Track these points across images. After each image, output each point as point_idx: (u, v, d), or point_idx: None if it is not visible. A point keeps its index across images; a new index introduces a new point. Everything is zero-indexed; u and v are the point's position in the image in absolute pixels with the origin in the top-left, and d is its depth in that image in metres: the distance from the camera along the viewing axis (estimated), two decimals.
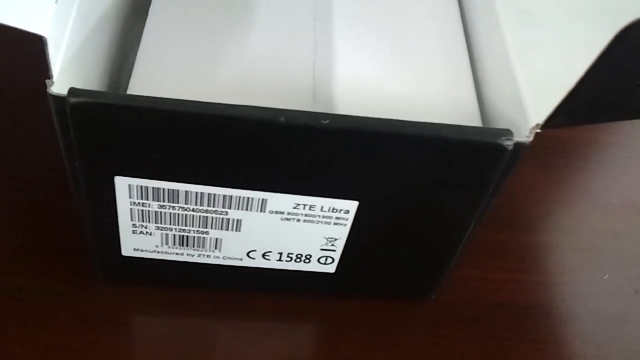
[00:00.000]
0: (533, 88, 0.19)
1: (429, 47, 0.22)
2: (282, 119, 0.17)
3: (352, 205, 0.20)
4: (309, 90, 0.21)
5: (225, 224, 0.21)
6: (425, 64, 0.22)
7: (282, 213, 0.20)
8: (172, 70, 0.20)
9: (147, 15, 0.22)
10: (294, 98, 0.20)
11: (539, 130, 0.18)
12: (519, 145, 0.18)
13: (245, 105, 0.17)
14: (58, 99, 0.17)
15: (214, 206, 0.20)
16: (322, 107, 0.20)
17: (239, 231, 0.21)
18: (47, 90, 0.17)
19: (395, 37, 0.22)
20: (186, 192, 0.19)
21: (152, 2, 0.22)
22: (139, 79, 0.20)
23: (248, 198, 0.20)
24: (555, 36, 0.19)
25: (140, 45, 0.21)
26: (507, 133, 0.18)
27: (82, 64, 0.19)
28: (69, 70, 0.18)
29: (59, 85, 0.17)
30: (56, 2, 0.16)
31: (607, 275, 0.27)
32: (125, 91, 0.20)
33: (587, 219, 0.29)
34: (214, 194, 0.20)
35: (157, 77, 0.20)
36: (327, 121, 0.17)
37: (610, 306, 0.26)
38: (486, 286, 0.26)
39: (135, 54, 0.21)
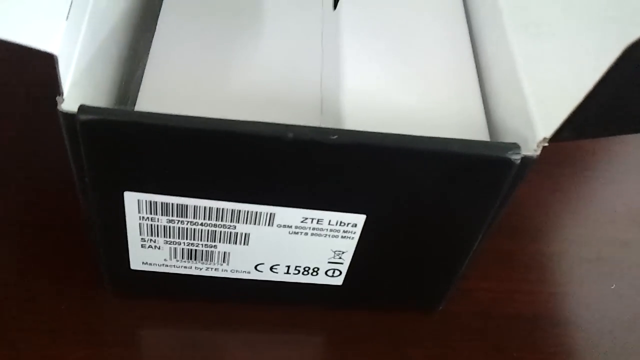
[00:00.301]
0: (541, 100, 0.19)
1: (436, 59, 0.22)
2: (290, 135, 0.17)
3: (360, 219, 0.20)
4: (317, 102, 0.21)
5: (233, 238, 0.21)
6: (433, 76, 0.22)
7: (290, 227, 0.20)
8: (180, 83, 0.20)
9: (155, 28, 0.22)
10: (301, 110, 0.20)
11: (546, 144, 0.18)
12: (526, 159, 0.18)
13: (254, 121, 0.17)
14: (68, 116, 0.17)
15: (222, 220, 0.20)
16: (330, 119, 0.20)
17: (247, 245, 0.21)
18: (57, 107, 0.17)
19: (403, 49, 0.22)
20: (195, 206, 0.19)
21: (160, 15, 0.22)
22: (147, 93, 0.20)
23: (256, 212, 0.20)
24: (563, 48, 0.19)
25: (149, 59, 0.21)
26: (515, 147, 0.18)
27: (92, 78, 0.19)
28: (78, 85, 0.18)
29: (69, 101, 0.17)
30: (67, 19, 0.16)
31: (614, 285, 0.27)
32: (134, 104, 0.20)
33: (594, 229, 0.29)
34: (222, 209, 0.20)
35: (165, 90, 0.20)
36: (336, 136, 0.17)
37: (618, 316, 0.26)
38: (494, 297, 0.26)
39: (144, 67, 0.21)
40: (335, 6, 0.23)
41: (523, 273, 0.27)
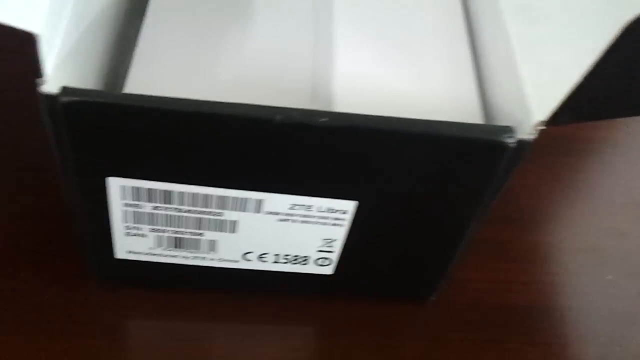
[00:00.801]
0: (537, 84, 0.18)
1: (430, 44, 0.22)
2: (278, 117, 0.17)
3: (350, 206, 0.20)
4: (308, 88, 0.20)
5: (220, 225, 0.20)
6: (427, 60, 0.21)
7: (279, 214, 0.20)
8: (169, 69, 0.20)
9: (145, 13, 0.21)
10: (292, 96, 0.20)
11: (543, 127, 0.17)
12: (521, 143, 0.18)
13: (241, 103, 0.17)
14: (50, 98, 0.16)
15: (208, 207, 0.20)
16: (321, 106, 0.20)
17: (235, 232, 0.21)
18: (38, 89, 0.16)
19: (396, 34, 0.22)
20: (180, 192, 0.19)
21: (150, 0, 0.22)
22: (135, 78, 0.20)
23: (243, 199, 0.19)
24: (560, 31, 0.18)
25: (138, 44, 0.21)
26: (509, 130, 0.17)
27: (77, 62, 0.18)
28: (63, 68, 0.17)
29: (51, 84, 0.16)
30: None
31: (611, 275, 0.27)
32: (122, 90, 0.19)
33: (591, 218, 0.29)
34: (209, 195, 0.19)
35: (154, 76, 0.20)
36: (325, 119, 0.17)
37: (615, 306, 0.26)
38: (488, 287, 0.26)
39: (133, 52, 0.20)
40: None
41: (519, 263, 0.27)
